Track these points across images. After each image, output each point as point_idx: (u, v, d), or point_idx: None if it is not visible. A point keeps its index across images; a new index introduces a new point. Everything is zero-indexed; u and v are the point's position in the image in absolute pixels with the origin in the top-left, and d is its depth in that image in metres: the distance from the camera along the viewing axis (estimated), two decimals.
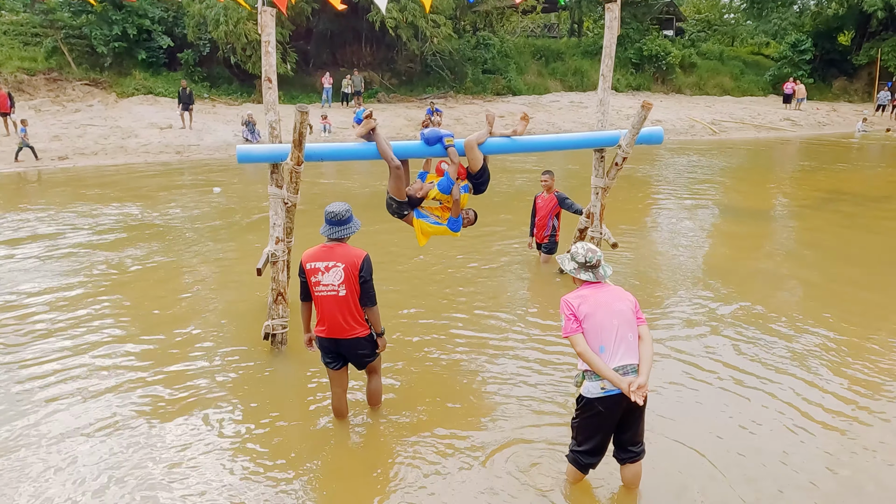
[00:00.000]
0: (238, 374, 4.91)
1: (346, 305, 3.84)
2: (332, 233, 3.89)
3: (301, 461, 3.83)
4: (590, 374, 3.22)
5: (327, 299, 3.84)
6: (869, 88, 31.20)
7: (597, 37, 30.48)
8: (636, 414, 3.28)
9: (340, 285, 3.81)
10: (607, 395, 3.19)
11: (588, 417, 3.30)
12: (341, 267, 3.80)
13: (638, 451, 3.39)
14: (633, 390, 3.06)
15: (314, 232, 4.29)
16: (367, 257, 3.88)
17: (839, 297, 6.58)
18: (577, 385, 3.34)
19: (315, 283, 3.84)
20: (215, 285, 6.95)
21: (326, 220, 3.89)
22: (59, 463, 3.79)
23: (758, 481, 3.64)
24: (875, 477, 3.70)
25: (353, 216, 3.94)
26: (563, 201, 7.24)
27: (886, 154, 19.59)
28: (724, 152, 19.21)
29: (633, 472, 3.44)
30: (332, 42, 24.74)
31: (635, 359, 3.21)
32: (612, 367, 3.15)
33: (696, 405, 4.47)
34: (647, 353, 3.22)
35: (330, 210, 3.88)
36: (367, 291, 3.87)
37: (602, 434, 3.33)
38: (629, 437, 3.35)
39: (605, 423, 3.29)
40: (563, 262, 3.40)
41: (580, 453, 3.41)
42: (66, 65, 20.62)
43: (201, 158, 16.66)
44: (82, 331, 5.63)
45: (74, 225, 9.37)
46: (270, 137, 5.22)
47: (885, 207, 11.32)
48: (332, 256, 3.83)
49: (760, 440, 4.04)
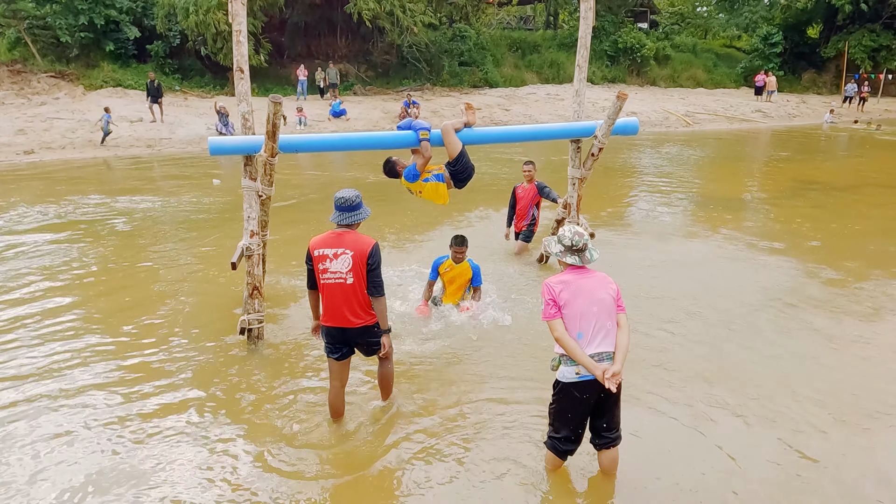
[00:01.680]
0: (214, 370, 4.84)
1: (353, 294, 3.76)
2: (341, 219, 3.81)
3: (274, 457, 3.79)
4: (566, 359, 3.25)
5: (334, 287, 3.76)
6: (837, 81, 31.90)
7: (572, 29, 30.60)
8: (611, 400, 3.31)
9: (348, 273, 3.74)
10: (582, 380, 3.22)
11: (563, 402, 3.33)
12: (350, 254, 3.73)
13: (613, 437, 3.43)
14: (608, 378, 3.09)
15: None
16: (375, 245, 3.81)
17: (813, 284, 6.73)
18: (553, 369, 3.37)
19: (322, 271, 3.77)
20: (192, 281, 6.82)
21: (336, 206, 3.82)
22: (32, 464, 3.70)
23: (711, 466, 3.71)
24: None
25: (362, 203, 3.87)
26: (541, 189, 7.29)
27: (853, 145, 20.08)
28: (697, 143, 19.48)
29: (610, 457, 3.48)
30: (307, 33, 24.40)
31: (612, 346, 3.24)
32: (588, 354, 3.17)
33: (668, 388, 4.54)
34: (624, 342, 3.25)
35: (340, 196, 3.81)
36: (373, 280, 3.77)
37: (577, 419, 3.36)
38: (605, 422, 3.39)
39: (579, 409, 3.32)
40: (549, 244, 3.39)
41: (557, 439, 3.44)
42: (30, 56, 19.99)
43: (174, 152, 16.33)
44: (56, 325, 5.49)
45: (46, 219, 9.11)
46: (243, 129, 5.12)
47: (850, 196, 11.60)
48: (341, 243, 3.76)
49: (718, 432, 4.12)
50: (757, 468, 3.69)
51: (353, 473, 3.67)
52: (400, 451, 3.85)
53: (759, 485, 3.55)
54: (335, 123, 19.80)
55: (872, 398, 4.42)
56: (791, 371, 4.81)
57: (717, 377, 4.70)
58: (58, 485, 3.53)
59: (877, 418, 4.19)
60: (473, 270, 5.77)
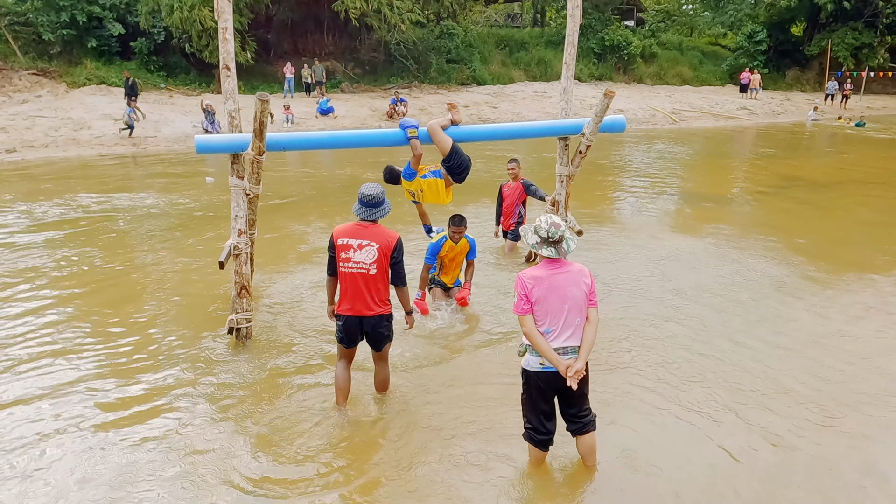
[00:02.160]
0: (203, 369, 4.80)
1: (374, 284, 3.91)
2: (366, 214, 3.92)
3: (267, 459, 3.78)
4: (531, 349, 3.33)
5: (355, 276, 3.89)
6: (820, 78, 32.30)
7: (559, 27, 30.69)
8: (577, 391, 3.33)
9: (372, 264, 3.87)
10: (545, 370, 3.31)
11: (530, 391, 3.41)
12: (375, 247, 3.87)
13: (585, 421, 3.46)
14: (570, 375, 3.18)
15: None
16: (399, 239, 3.96)
17: (794, 281, 6.81)
18: (519, 354, 3.44)
19: (344, 259, 3.89)
20: (180, 280, 6.76)
21: (360, 201, 3.93)
22: (16, 465, 3.64)
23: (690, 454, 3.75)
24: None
25: (385, 199, 3.98)
26: (528, 188, 7.30)
27: (836, 142, 20.34)
28: (684, 140, 19.64)
29: (587, 444, 3.52)
30: (294, 31, 24.23)
31: (578, 341, 3.29)
32: (553, 347, 3.23)
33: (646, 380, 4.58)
34: (590, 337, 3.30)
35: (365, 192, 3.91)
36: (398, 272, 3.98)
37: (544, 407, 3.41)
38: (574, 411, 3.45)
39: (544, 397, 3.38)
40: (525, 234, 3.39)
41: (532, 430, 3.49)
42: (11, 53, 19.65)
43: (159, 150, 16.16)
44: (42, 325, 5.42)
45: (31, 219, 8.98)
46: (230, 127, 5.08)
47: (835, 193, 11.75)
48: (366, 236, 3.89)
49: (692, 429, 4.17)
50: (754, 465, 3.73)
51: (346, 473, 3.66)
52: (394, 449, 3.85)
53: (758, 482, 3.57)
54: (322, 121, 19.70)
55: (867, 395, 4.46)
56: (785, 368, 4.85)
57: (711, 374, 4.74)
58: (43, 487, 3.48)
59: (871, 415, 4.24)
60: (470, 244, 5.82)
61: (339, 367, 4.19)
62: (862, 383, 4.62)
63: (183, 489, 3.48)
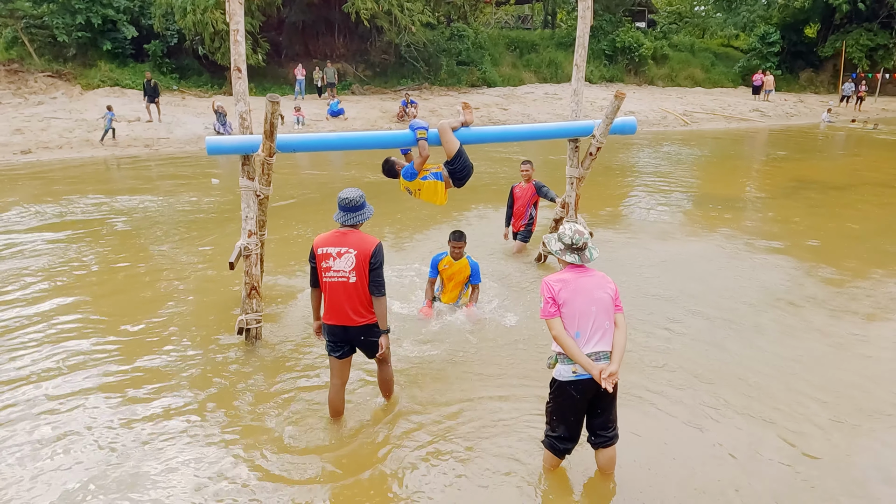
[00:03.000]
0: (212, 369, 4.83)
1: (355, 293, 3.79)
2: (345, 219, 3.83)
3: (274, 458, 3.79)
4: (563, 358, 3.26)
5: (337, 285, 3.79)
6: (834, 80, 31.98)
7: (570, 28, 30.64)
8: (607, 399, 3.32)
9: (351, 272, 3.76)
10: (578, 378, 3.23)
11: (560, 400, 3.34)
12: (353, 253, 3.75)
13: (610, 436, 3.43)
14: (605, 377, 3.10)
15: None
16: (379, 244, 3.83)
17: (803, 284, 6.74)
18: (549, 366, 3.38)
19: (325, 269, 3.80)
20: (190, 280, 6.81)
21: (340, 207, 3.84)
22: (31, 466, 3.69)
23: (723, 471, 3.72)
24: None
25: (366, 202, 3.89)
26: (539, 189, 7.29)
27: (850, 144, 20.11)
28: (695, 142, 19.50)
29: (607, 456, 3.49)
30: (305, 33, 24.36)
31: (609, 346, 3.25)
32: (585, 353, 3.18)
33: (666, 386, 4.54)
34: (621, 342, 3.26)
35: (344, 196, 3.82)
36: (375, 279, 3.79)
37: (574, 417, 3.36)
38: (601, 421, 3.39)
39: (576, 407, 3.32)
40: (549, 241, 3.39)
41: (554, 438, 3.45)
42: (27, 56, 19.94)
43: (172, 152, 16.30)
44: (55, 326, 5.48)
45: (43, 219, 9.09)
46: (241, 128, 5.12)
47: (848, 195, 11.62)
48: (345, 242, 3.79)
49: (713, 436, 4.13)
50: (760, 467, 3.69)
51: (354, 474, 3.66)
52: (400, 451, 3.85)
53: (763, 483, 3.55)
54: (333, 123, 19.77)
55: (874, 397, 4.43)
56: (793, 370, 4.82)
57: (720, 376, 4.71)
58: (56, 487, 3.51)
59: (878, 418, 4.19)
60: (472, 268, 5.74)
61: (331, 388, 4.08)
62: (877, 388, 4.56)
63: (190, 490, 3.50)
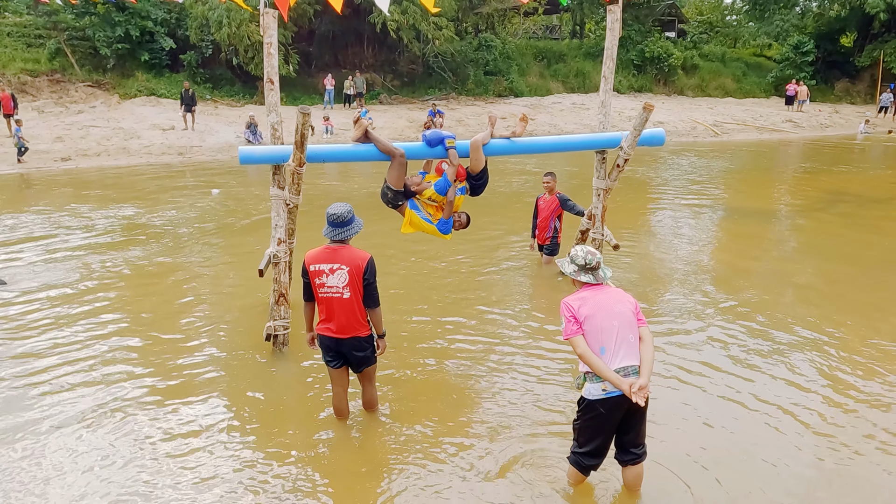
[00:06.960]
0: (240, 374, 4.92)
1: (350, 307, 3.85)
2: (334, 234, 3.86)
3: (301, 462, 3.84)
4: (591, 376, 3.22)
5: (332, 300, 3.84)
6: (871, 90, 31.14)
7: (598, 38, 30.45)
8: (637, 416, 3.28)
9: (345, 287, 3.81)
10: (609, 396, 3.19)
11: (589, 419, 3.30)
12: (346, 270, 3.79)
13: (639, 454, 3.39)
14: (635, 391, 3.05)
15: (317, 234, 4.30)
16: (371, 259, 3.87)
17: (838, 300, 6.57)
18: (578, 388, 3.34)
19: (319, 285, 3.85)
20: (216, 287, 6.96)
21: (328, 222, 3.86)
22: (60, 458, 3.80)
23: (747, 481, 3.64)
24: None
25: (355, 217, 3.91)
26: (564, 202, 7.24)
27: (889, 156, 19.56)
28: (726, 154, 19.19)
29: (635, 473, 3.44)
30: (335, 43, 24.77)
31: (636, 360, 3.21)
32: (612, 369, 3.15)
33: (685, 407, 4.47)
34: (648, 355, 3.22)
35: (332, 212, 3.84)
36: (370, 293, 3.87)
37: (603, 436, 3.33)
38: (630, 438, 3.35)
39: (606, 425, 3.28)
40: (562, 265, 3.41)
41: (581, 455, 3.41)
42: (69, 66, 20.69)
43: (203, 160, 16.69)
44: (81, 331, 5.64)
45: (77, 226, 9.39)
46: (272, 139, 5.23)
47: (886, 209, 11.30)
48: (337, 259, 3.82)
49: (747, 441, 4.04)
50: (789, 480, 3.60)
51: (356, 479, 3.69)
52: (412, 460, 3.86)
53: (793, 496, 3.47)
54: None
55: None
56: (828, 386, 4.69)
57: (747, 393, 4.61)
58: (85, 498, 3.58)
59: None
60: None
61: (334, 395, 4.16)
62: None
63: (213, 489, 3.57)
